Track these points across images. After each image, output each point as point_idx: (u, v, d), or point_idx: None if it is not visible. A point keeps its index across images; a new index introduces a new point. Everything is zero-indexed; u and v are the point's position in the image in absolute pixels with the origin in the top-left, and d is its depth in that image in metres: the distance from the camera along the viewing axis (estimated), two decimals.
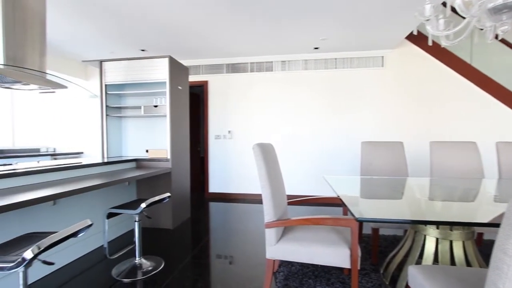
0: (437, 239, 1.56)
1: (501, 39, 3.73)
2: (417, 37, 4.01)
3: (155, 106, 3.28)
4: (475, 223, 1.22)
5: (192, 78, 4.76)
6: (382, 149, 2.77)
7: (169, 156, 3.08)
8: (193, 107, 5.49)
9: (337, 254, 1.45)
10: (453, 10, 2.08)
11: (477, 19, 1.63)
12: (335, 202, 2.10)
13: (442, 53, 4.03)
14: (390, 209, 1.47)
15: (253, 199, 4.59)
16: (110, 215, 2.05)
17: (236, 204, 4.24)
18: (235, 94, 4.70)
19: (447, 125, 4.08)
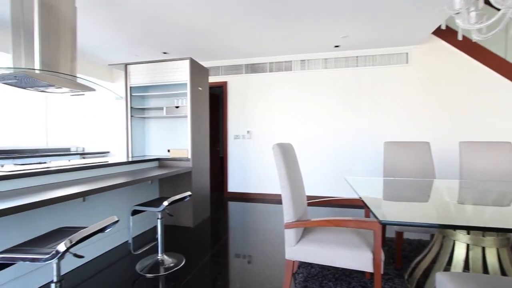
0: (467, 245, 1.47)
1: None
2: (445, 31, 3.80)
3: (177, 107, 3.37)
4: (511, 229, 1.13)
5: (212, 79, 4.84)
6: (406, 149, 2.66)
7: (189, 156, 3.15)
8: (213, 107, 5.58)
9: (359, 257, 1.41)
10: (486, 1, 1.96)
11: None
12: (356, 204, 2.05)
13: (473, 48, 3.79)
14: (415, 212, 1.40)
15: (272, 199, 4.58)
16: (134, 212, 2.13)
17: (255, 204, 4.25)
18: (254, 94, 4.72)
19: (478, 124, 3.83)
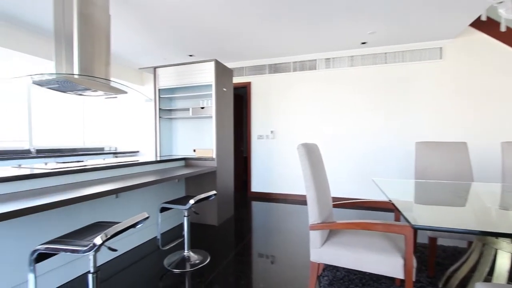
0: None
1: None
2: (485, 22, 3.52)
3: (202, 108, 3.45)
4: None
5: (236, 79, 4.91)
6: (441, 150, 2.50)
7: (214, 156, 3.22)
8: (237, 107, 5.64)
9: (388, 262, 1.35)
10: None
11: None
12: (383, 206, 1.96)
13: None
14: (451, 217, 1.31)
15: (295, 199, 4.53)
16: (162, 209, 2.22)
17: (278, 204, 4.23)
18: (277, 94, 4.70)
19: None
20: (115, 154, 4.88)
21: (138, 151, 5.51)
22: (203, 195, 2.21)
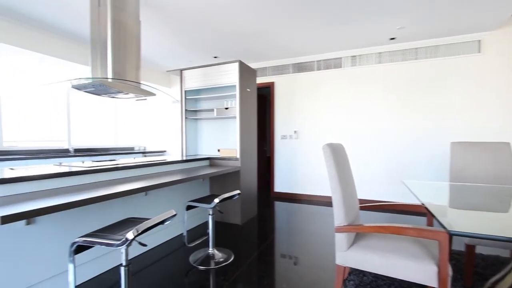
0: None
1: None
2: None
3: (226, 108, 3.51)
4: None
5: (259, 79, 4.92)
6: (479, 150, 2.32)
7: (238, 156, 3.25)
8: (260, 108, 5.66)
9: (420, 269, 1.28)
10: None
11: None
12: (413, 210, 1.86)
13: None
14: (492, 224, 1.22)
15: (319, 200, 4.45)
16: (188, 207, 2.28)
17: (301, 205, 4.18)
18: (301, 93, 4.65)
19: None
20: (144, 153, 5.11)
21: (165, 151, 5.72)
22: (227, 194, 2.25)
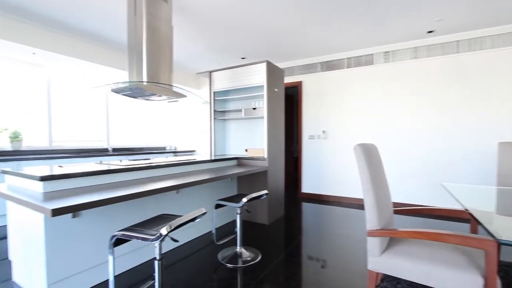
0: None
1: None
2: None
3: (254, 109, 3.53)
4: None
5: (287, 79, 4.89)
6: None
7: (265, 156, 3.26)
8: (288, 108, 5.61)
9: (464, 280, 1.18)
10: None
11: None
12: (453, 215, 1.73)
13: None
14: None
15: (349, 203, 4.30)
16: (217, 206, 2.33)
17: (330, 207, 4.07)
18: (330, 92, 4.53)
19: None
20: (175, 153, 5.33)
21: (194, 150, 5.92)
22: (255, 194, 2.26)
